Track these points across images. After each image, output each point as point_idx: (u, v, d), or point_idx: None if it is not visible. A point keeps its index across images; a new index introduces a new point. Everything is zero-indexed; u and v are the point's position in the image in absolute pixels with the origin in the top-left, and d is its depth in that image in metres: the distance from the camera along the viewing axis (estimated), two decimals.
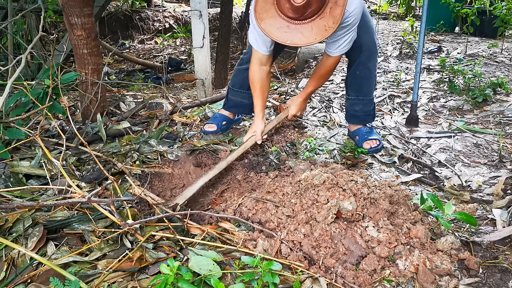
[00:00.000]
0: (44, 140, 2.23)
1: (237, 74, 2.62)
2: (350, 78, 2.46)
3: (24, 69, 2.15)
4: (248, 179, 2.19)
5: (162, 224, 1.62)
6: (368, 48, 2.32)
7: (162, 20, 6.83)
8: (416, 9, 7.71)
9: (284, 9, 1.83)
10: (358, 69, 2.38)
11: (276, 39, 1.91)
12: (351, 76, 2.45)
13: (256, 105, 2.33)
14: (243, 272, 1.34)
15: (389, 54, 4.65)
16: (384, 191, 1.71)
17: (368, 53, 2.33)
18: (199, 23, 3.15)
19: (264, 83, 2.30)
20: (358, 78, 2.42)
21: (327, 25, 1.85)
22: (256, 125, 2.32)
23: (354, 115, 2.53)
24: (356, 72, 2.40)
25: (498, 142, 2.40)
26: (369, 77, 2.42)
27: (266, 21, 1.90)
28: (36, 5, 3.75)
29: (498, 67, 3.96)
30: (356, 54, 2.33)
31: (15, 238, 1.51)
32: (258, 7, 1.92)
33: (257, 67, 2.26)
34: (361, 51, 2.31)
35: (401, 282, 1.40)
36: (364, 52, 2.32)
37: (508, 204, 1.83)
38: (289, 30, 1.87)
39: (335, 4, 1.84)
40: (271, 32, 1.90)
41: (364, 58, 2.34)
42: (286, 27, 1.88)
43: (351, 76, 2.45)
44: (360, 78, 2.41)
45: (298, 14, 1.82)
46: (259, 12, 1.91)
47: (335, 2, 1.84)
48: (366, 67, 2.37)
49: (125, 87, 3.99)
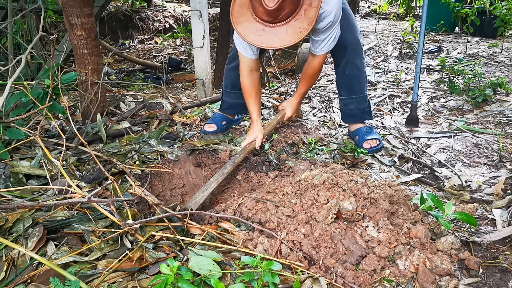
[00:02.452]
0: (44, 140, 2.23)
1: (227, 75, 2.63)
2: (340, 78, 2.48)
3: (24, 69, 2.15)
4: (248, 179, 2.19)
5: (162, 224, 1.62)
6: (352, 47, 2.33)
7: (162, 20, 6.83)
8: (416, 9, 7.71)
9: (259, 12, 1.86)
10: (347, 68, 2.40)
11: (252, 42, 1.94)
12: (340, 76, 2.47)
13: (253, 112, 2.33)
14: (243, 272, 1.34)
15: (389, 54, 4.65)
16: (384, 191, 1.71)
17: (353, 51, 2.35)
18: (199, 23, 3.15)
19: (257, 88, 2.32)
20: (348, 77, 2.43)
21: (301, 27, 1.88)
22: (255, 131, 2.30)
23: (350, 114, 2.53)
24: (345, 72, 2.41)
25: (498, 142, 2.40)
26: (359, 74, 2.42)
27: (242, 25, 1.94)
28: (36, 5, 3.75)
29: (498, 67, 3.97)
30: (341, 54, 2.35)
31: (15, 238, 1.51)
32: (234, 11, 1.96)
33: (247, 73, 2.27)
34: (346, 50, 2.33)
35: (401, 282, 1.40)
36: (349, 51, 2.34)
37: (508, 204, 1.83)
38: (265, 33, 1.90)
39: (309, 6, 1.87)
40: (247, 35, 1.94)
41: (351, 57, 2.36)
42: (261, 30, 1.91)
43: (341, 76, 2.46)
44: (350, 77, 2.42)
45: (272, 17, 1.85)
46: (236, 16, 1.95)
47: (310, 4, 1.87)
48: (354, 65, 2.39)
49: (125, 87, 3.99)
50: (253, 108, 2.33)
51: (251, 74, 2.27)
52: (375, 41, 5.26)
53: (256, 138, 2.28)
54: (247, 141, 2.28)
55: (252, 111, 2.34)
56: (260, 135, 2.29)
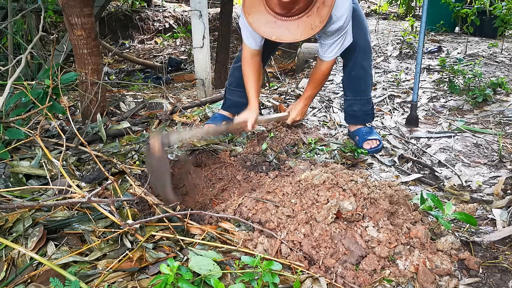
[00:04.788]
0: (44, 140, 2.23)
1: (233, 72, 2.62)
2: (347, 78, 2.47)
3: (24, 69, 2.15)
4: (248, 179, 2.19)
5: (162, 224, 1.62)
6: (362, 48, 2.33)
7: (162, 20, 6.83)
8: (416, 9, 7.71)
9: (272, 4, 1.85)
10: (354, 69, 2.39)
11: (262, 34, 1.93)
12: (347, 76, 2.46)
13: (250, 90, 2.28)
14: (243, 272, 1.34)
15: (389, 54, 4.65)
16: (384, 191, 1.71)
17: (363, 53, 2.34)
18: (199, 23, 3.15)
19: (256, 73, 2.29)
20: (354, 78, 2.42)
21: (313, 23, 1.87)
22: (249, 113, 2.25)
23: (353, 115, 2.53)
24: (351, 73, 2.41)
25: (498, 142, 2.40)
26: (365, 76, 2.42)
27: (254, 16, 1.92)
28: (36, 5, 3.75)
29: (498, 67, 3.96)
30: (350, 54, 2.34)
31: (15, 238, 1.51)
32: (246, 2, 1.94)
33: (248, 57, 2.26)
34: (355, 51, 2.32)
35: (401, 282, 1.40)
36: (359, 52, 2.33)
37: (508, 204, 1.83)
38: (276, 26, 1.89)
39: (322, 4, 1.86)
40: (258, 27, 1.92)
41: (359, 58, 2.35)
42: (273, 23, 1.89)
43: (347, 76, 2.45)
44: (357, 78, 2.42)
45: (286, 11, 1.84)
46: (248, 7, 1.93)
47: (323, 2, 1.86)
48: (362, 67, 2.38)
49: (125, 87, 3.99)
50: (250, 87, 2.29)
51: (252, 60, 2.26)
52: (375, 41, 5.26)
53: (248, 119, 2.22)
54: (239, 118, 2.24)
55: (249, 90, 2.29)
56: (253, 118, 2.22)
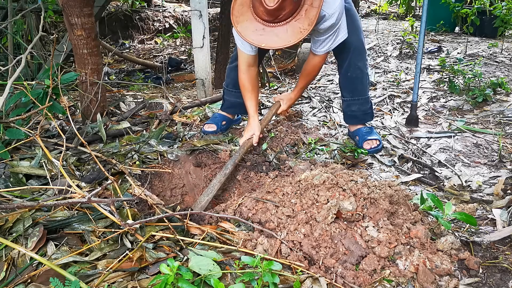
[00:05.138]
0: (44, 140, 2.23)
1: (229, 73, 2.63)
2: (343, 79, 2.47)
3: (24, 69, 2.15)
4: (248, 179, 2.19)
5: (162, 224, 1.62)
6: (356, 48, 2.33)
7: (162, 20, 6.83)
8: (416, 9, 7.71)
9: (259, 12, 1.86)
10: (349, 70, 2.39)
11: (252, 42, 1.93)
12: (343, 77, 2.46)
13: (250, 107, 2.33)
14: (243, 272, 1.34)
15: (389, 54, 4.65)
16: (384, 191, 1.71)
17: (357, 53, 2.35)
18: (199, 23, 3.15)
19: (254, 84, 2.32)
20: (350, 79, 2.43)
21: (302, 27, 1.87)
22: (252, 127, 2.30)
23: (352, 115, 2.53)
24: (347, 74, 2.41)
25: (498, 142, 2.40)
26: (362, 76, 2.42)
27: (243, 24, 1.93)
28: (36, 5, 3.74)
29: (498, 67, 3.96)
30: (345, 55, 2.35)
31: (15, 238, 1.51)
32: (235, 11, 1.95)
33: (245, 68, 2.27)
34: (349, 52, 2.33)
35: (401, 282, 1.40)
36: (353, 53, 2.33)
37: (508, 204, 1.83)
38: (265, 33, 1.90)
39: (310, 6, 1.86)
40: (247, 35, 1.93)
41: (354, 59, 2.35)
42: (261, 30, 1.90)
43: (344, 77, 2.46)
44: (353, 79, 2.42)
45: (272, 17, 1.85)
46: (236, 15, 1.95)
47: (311, 4, 1.86)
48: (357, 67, 2.38)
49: (125, 87, 3.99)
50: (250, 103, 2.33)
51: (248, 70, 2.27)
52: (375, 41, 5.26)
53: (253, 134, 2.27)
54: (244, 138, 2.28)
55: (249, 107, 2.33)
56: (257, 131, 2.28)
